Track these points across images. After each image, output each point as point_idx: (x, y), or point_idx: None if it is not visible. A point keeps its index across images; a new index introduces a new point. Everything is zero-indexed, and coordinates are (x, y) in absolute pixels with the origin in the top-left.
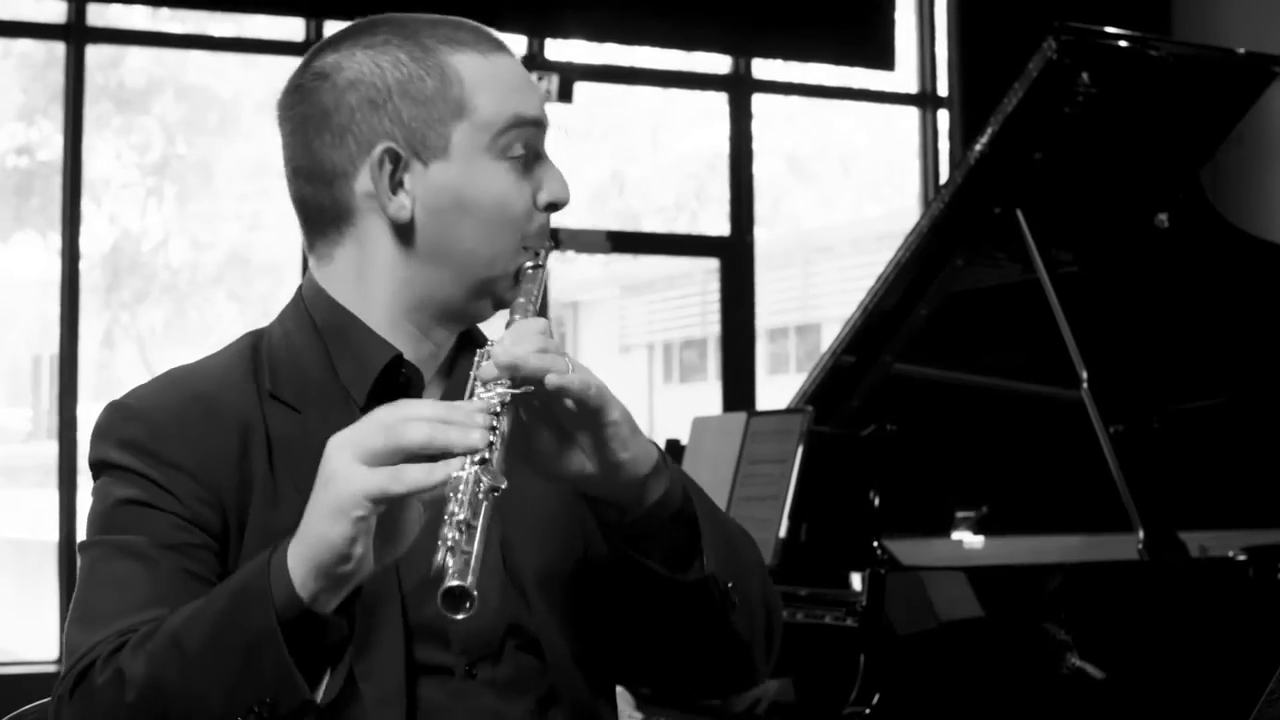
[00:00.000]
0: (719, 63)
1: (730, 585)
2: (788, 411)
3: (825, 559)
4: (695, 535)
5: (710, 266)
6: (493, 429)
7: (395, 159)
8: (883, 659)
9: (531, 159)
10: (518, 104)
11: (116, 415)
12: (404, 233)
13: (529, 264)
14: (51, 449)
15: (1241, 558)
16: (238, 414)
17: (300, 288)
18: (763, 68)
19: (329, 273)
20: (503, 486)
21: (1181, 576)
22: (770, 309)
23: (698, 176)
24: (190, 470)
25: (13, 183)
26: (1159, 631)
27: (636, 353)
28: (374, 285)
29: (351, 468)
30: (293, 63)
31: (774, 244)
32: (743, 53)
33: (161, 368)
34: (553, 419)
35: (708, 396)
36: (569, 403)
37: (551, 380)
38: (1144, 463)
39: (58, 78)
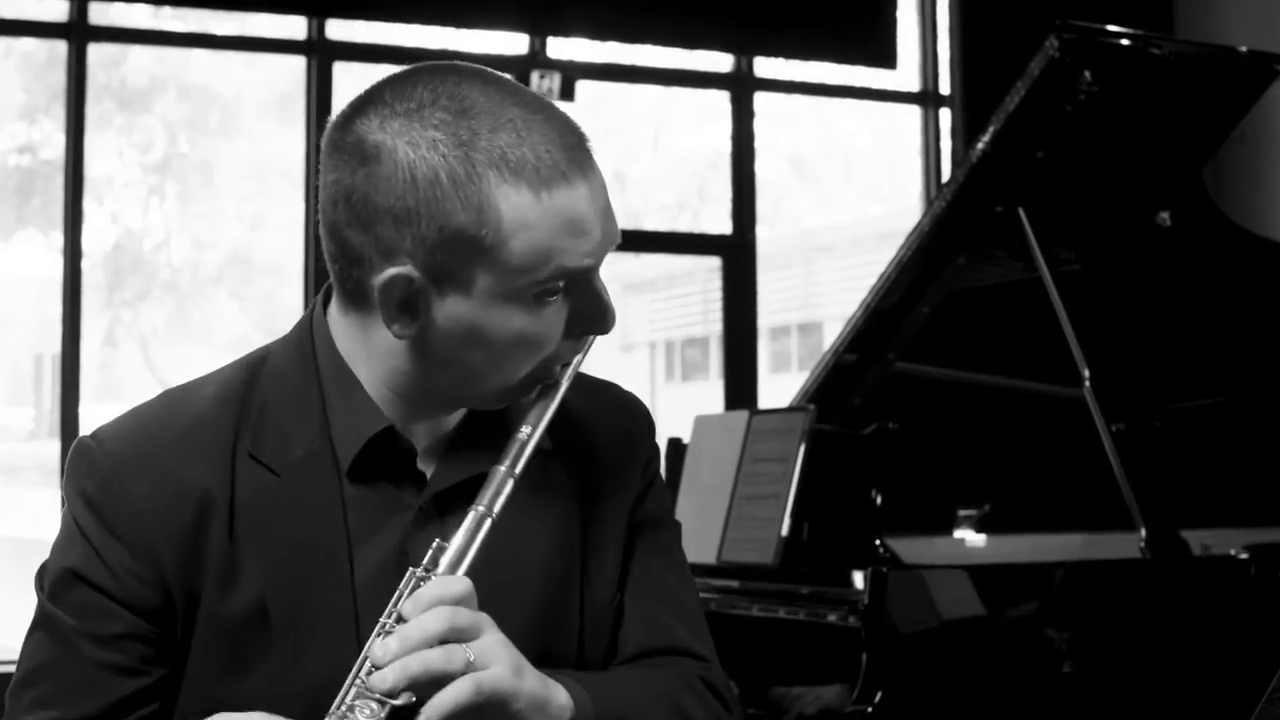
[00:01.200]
0: (721, 61)
1: None
2: (790, 410)
3: (827, 557)
4: None
5: (712, 265)
6: None
7: (409, 284)
8: (885, 657)
9: (573, 286)
10: (563, 255)
11: (81, 460)
12: (413, 341)
13: (548, 383)
14: (53, 448)
15: (1243, 556)
16: (200, 481)
17: (313, 315)
18: (765, 66)
19: (340, 323)
20: None
21: (1183, 575)
22: (772, 307)
23: (700, 175)
24: (129, 543)
25: (14, 182)
26: (1161, 630)
27: (638, 351)
28: (375, 363)
29: None
30: (294, 62)
31: (776, 242)
32: (745, 51)
33: (163, 367)
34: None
35: (710, 395)
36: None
37: (427, 714)
38: (1146, 461)
39: (59, 76)
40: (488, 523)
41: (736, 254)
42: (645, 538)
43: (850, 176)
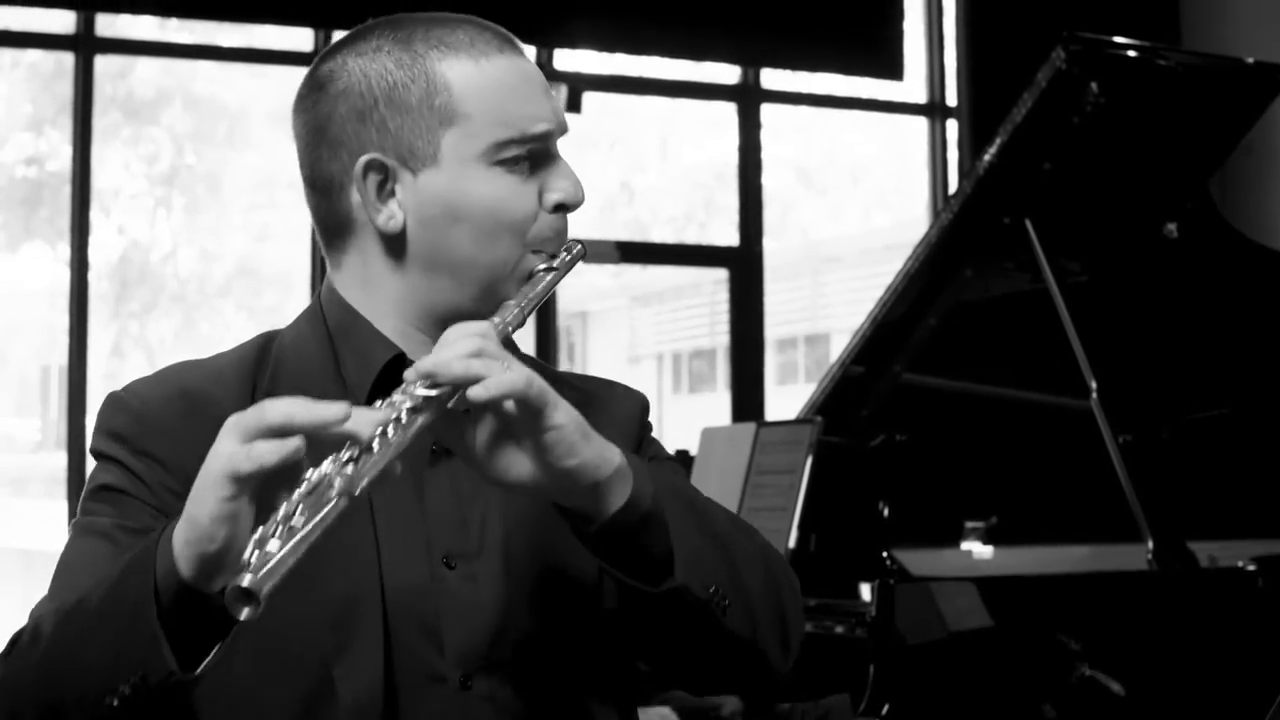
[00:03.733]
0: (728, 73)
1: (714, 589)
2: (797, 422)
3: (835, 569)
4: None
5: (719, 277)
6: (383, 433)
7: (382, 169)
8: (892, 669)
9: (538, 160)
10: (514, 112)
11: (108, 407)
12: (397, 243)
13: (540, 267)
14: (60, 459)
15: (1251, 568)
16: (223, 410)
17: (320, 291)
18: (771, 78)
19: (341, 278)
20: (355, 493)
21: (1190, 587)
22: (779, 319)
23: (706, 187)
24: (164, 460)
25: (22, 193)
26: (1168, 642)
27: (645, 363)
28: (377, 293)
29: (222, 444)
30: (301, 73)
31: (783, 254)
32: (751, 63)
33: None
34: (491, 422)
35: (717, 406)
36: (508, 405)
37: (475, 393)
38: (1153, 472)
39: (66, 88)
40: (501, 331)
41: (743, 265)
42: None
43: (857, 188)
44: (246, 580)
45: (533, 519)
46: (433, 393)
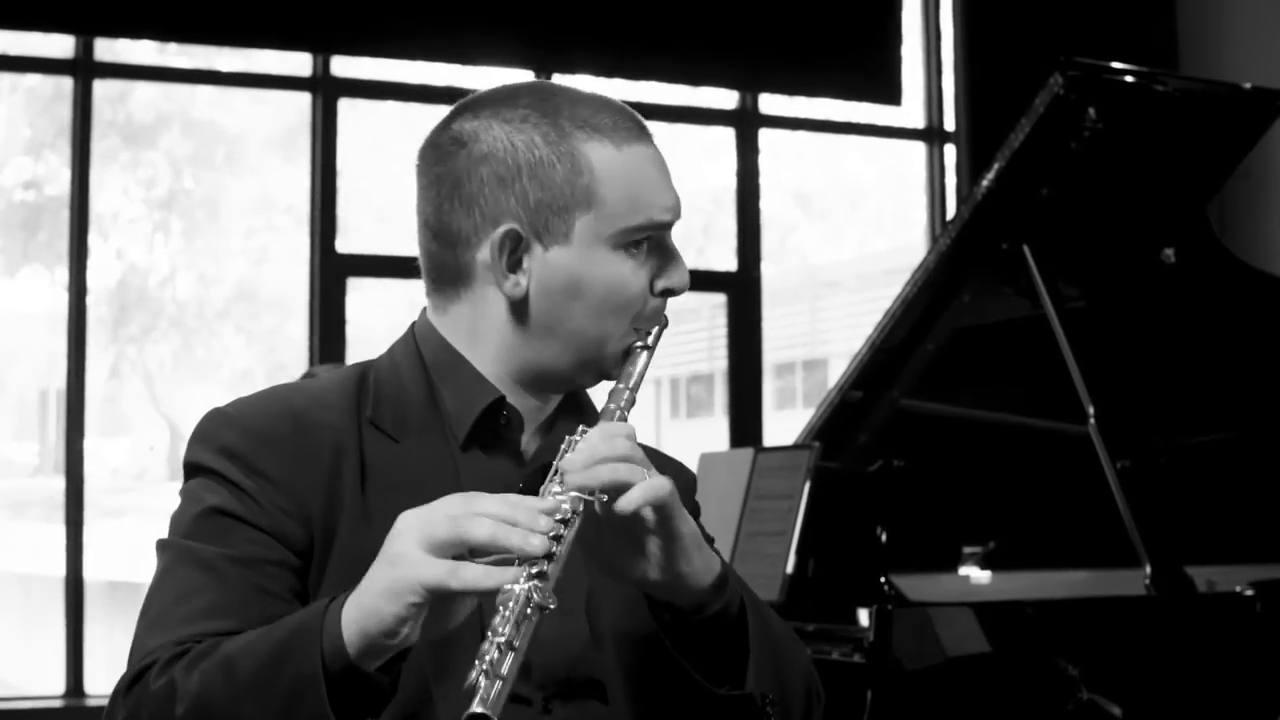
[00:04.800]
0: (726, 98)
1: (769, 699)
2: (795, 447)
3: (832, 594)
4: (744, 648)
5: (717, 301)
6: (556, 538)
7: (516, 240)
8: (890, 695)
9: (655, 245)
10: (646, 203)
11: (215, 422)
12: (518, 307)
13: (637, 344)
14: (58, 483)
15: (1248, 593)
16: (333, 434)
17: (413, 325)
18: (770, 103)
19: (443, 321)
20: (551, 606)
21: (1188, 611)
22: (777, 344)
23: (705, 211)
24: (278, 481)
25: (20, 217)
26: (1166, 667)
27: (644, 388)
28: (483, 344)
29: (415, 553)
30: (299, 98)
31: (781, 279)
32: (749, 88)
33: (169, 402)
34: (622, 523)
35: (715, 431)
36: (645, 511)
37: (622, 506)
38: (1151, 498)
39: (65, 112)
40: (620, 415)
41: (742, 290)
42: None
43: (855, 213)
44: (495, 711)
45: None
46: (588, 497)
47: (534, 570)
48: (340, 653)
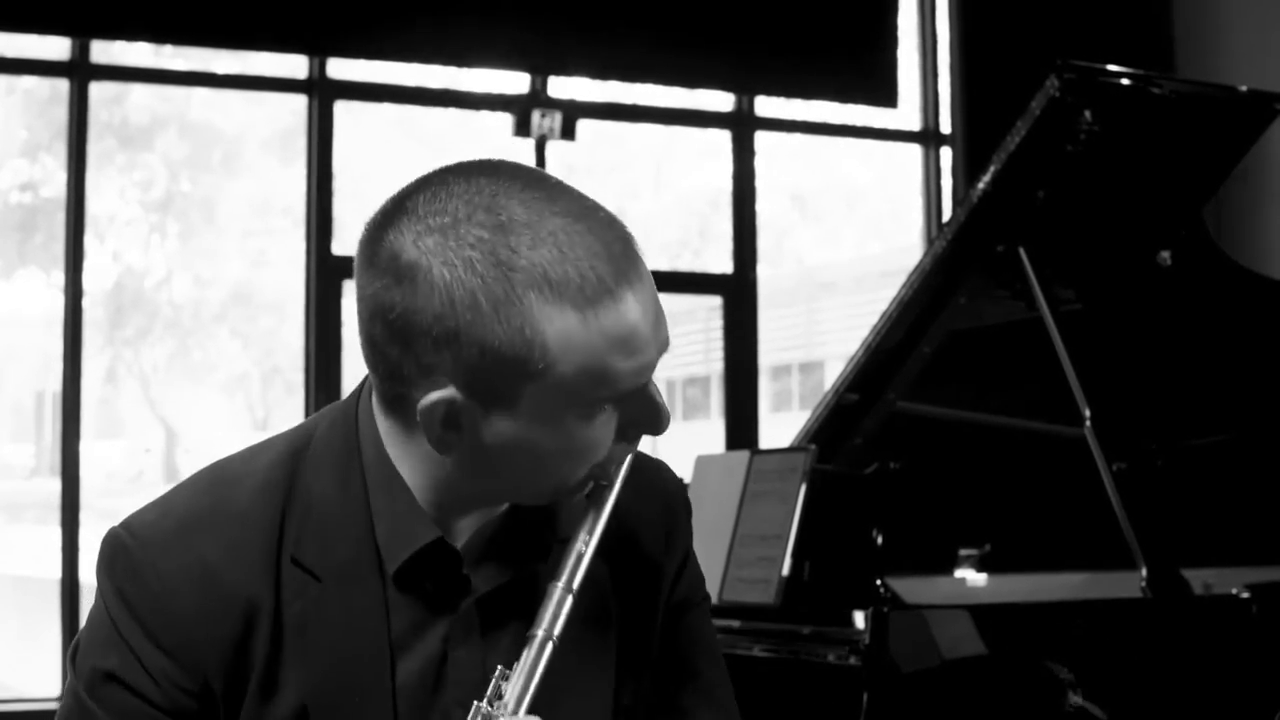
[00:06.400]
0: (722, 100)
1: None
2: (791, 450)
3: (828, 597)
4: None
5: (713, 304)
6: None
7: (450, 405)
8: (886, 698)
9: (630, 400)
10: (615, 375)
11: (119, 560)
12: (457, 455)
13: (602, 482)
14: (54, 486)
15: (1245, 595)
16: (247, 591)
17: (358, 405)
18: (766, 105)
19: (383, 424)
20: None
21: (1184, 614)
22: (773, 346)
23: (701, 214)
24: (176, 654)
25: (16, 219)
26: (1162, 669)
27: None
28: (419, 468)
29: None
30: (296, 100)
31: (777, 281)
32: (746, 90)
33: (165, 404)
34: None
35: (710, 434)
36: None
37: None
38: (1147, 500)
39: (61, 114)
40: (550, 647)
41: (737, 292)
42: (679, 622)
43: (851, 215)
44: None
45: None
46: None
47: None
48: None
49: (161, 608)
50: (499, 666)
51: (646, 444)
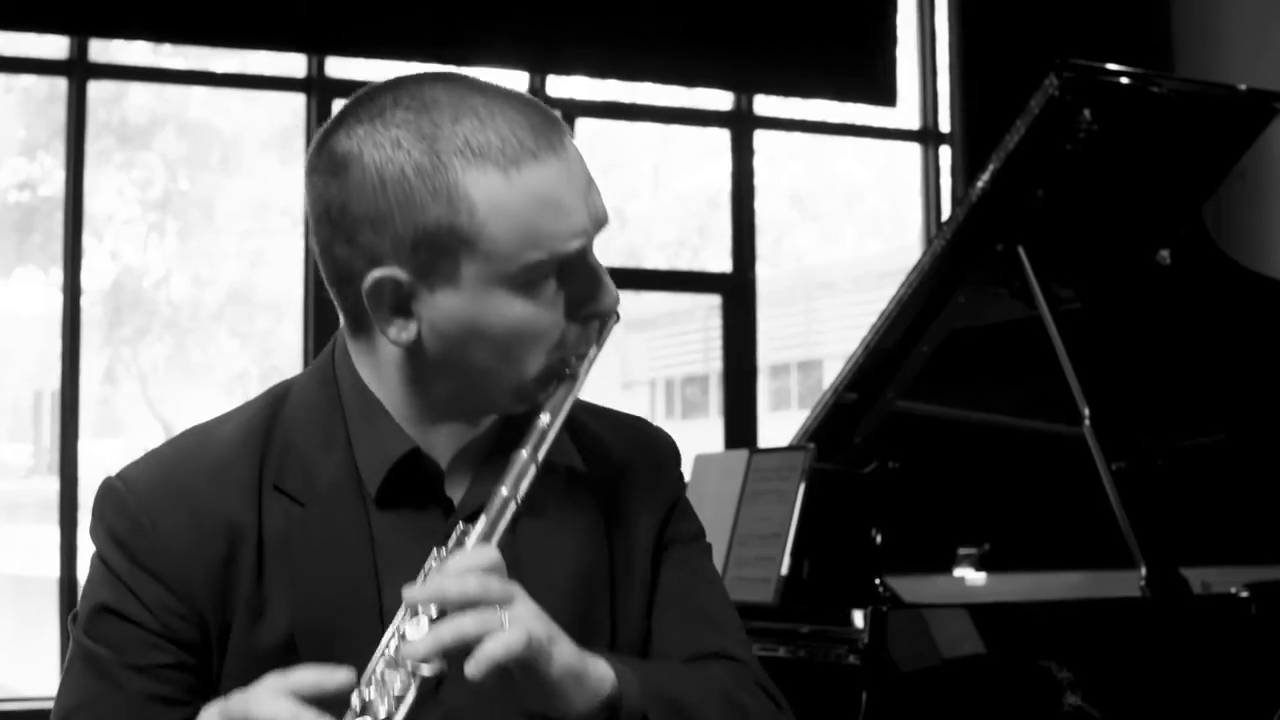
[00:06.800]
0: (721, 99)
1: None
2: (790, 449)
3: (827, 596)
4: None
5: (712, 303)
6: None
7: (396, 285)
8: (885, 697)
9: (569, 270)
10: (547, 235)
11: (109, 503)
12: (412, 352)
13: (566, 371)
14: (52, 485)
15: (1244, 594)
16: (229, 514)
17: (335, 345)
18: (765, 104)
19: (355, 349)
20: None
21: (1184, 613)
22: (772, 345)
23: (700, 213)
24: (165, 578)
25: (14, 218)
26: (1161, 669)
27: (638, 389)
28: (390, 383)
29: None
30: (294, 99)
31: (776, 280)
32: (744, 89)
33: (163, 404)
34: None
35: (709, 433)
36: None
37: (470, 673)
38: (1146, 499)
39: (59, 113)
40: (513, 506)
41: (737, 292)
42: (675, 555)
43: (851, 214)
44: None
45: (550, 614)
46: (428, 668)
47: None
48: None
49: (148, 537)
50: (460, 523)
51: None
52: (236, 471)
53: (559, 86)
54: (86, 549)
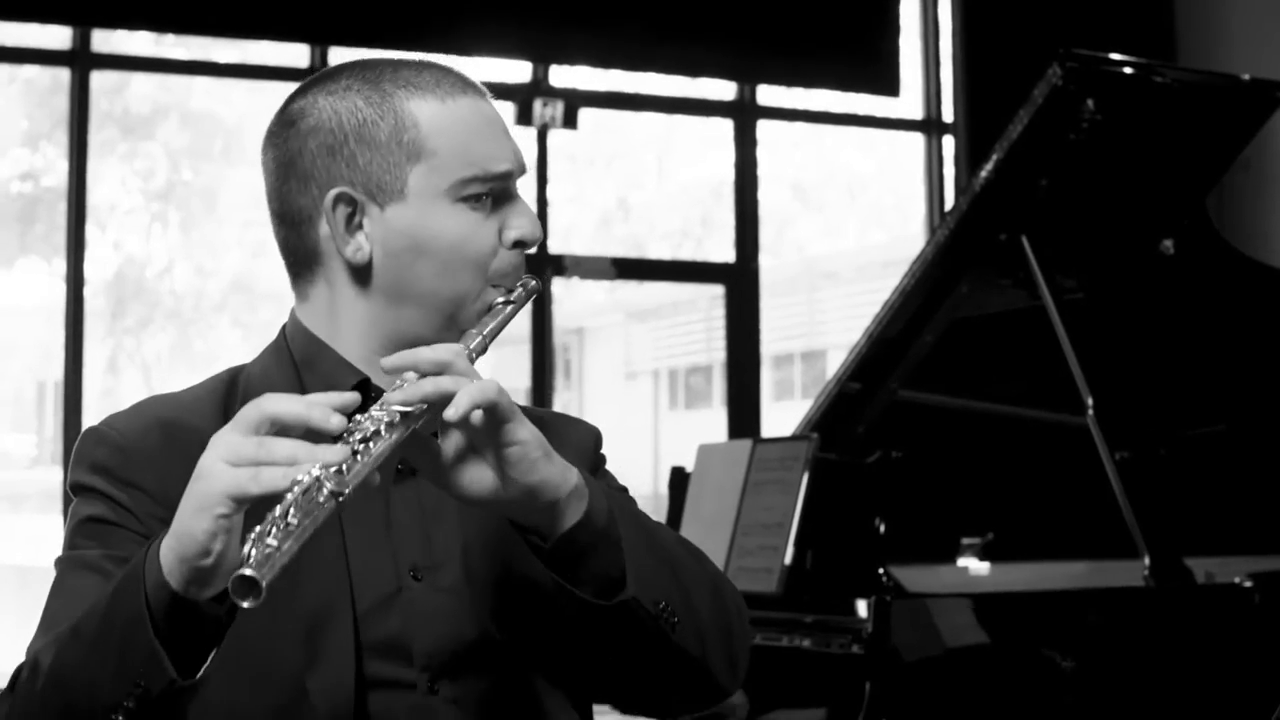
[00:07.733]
0: (724, 89)
1: (664, 605)
2: (793, 439)
3: (831, 586)
4: (621, 558)
5: (715, 293)
6: (364, 441)
7: (351, 203)
8: (889, 686)
9: (499, 199)
10: (480, 154)
11: (87, 441)
12: (363, 273)
13: (499, 300)
14: (55, 475)
15: (1247, 584)
16: (201, 438)
17: (284, 325)
18: (768, 94)
19: (306, 310)
20: (345, 492)
21: (1187, 603)
22: (776, 335)
23: (703, 203)
24: (149, 489)
25: (17, 209)
26: (1164, 658)
27: (642, 379)
28: (343, 321)
29: (216, 465)
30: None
31: (779, 270)
32: (747, 79)
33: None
34: (462, 438)
35: (713, 423)
36: (475, 417)
37: (449, 414)
38: (1149, 489)
39: (62, 104)
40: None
41: (740, 282)
42: (601, 481)
43: (854, 204)
44: (249, 571)
45: (491, 531)
46: (408, 409)
47: (333, 469)
48: (163, 586)
49: (128, 455)
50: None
51: (649, 440)
52: (208, 409)
53: (561, 76)
54: None
